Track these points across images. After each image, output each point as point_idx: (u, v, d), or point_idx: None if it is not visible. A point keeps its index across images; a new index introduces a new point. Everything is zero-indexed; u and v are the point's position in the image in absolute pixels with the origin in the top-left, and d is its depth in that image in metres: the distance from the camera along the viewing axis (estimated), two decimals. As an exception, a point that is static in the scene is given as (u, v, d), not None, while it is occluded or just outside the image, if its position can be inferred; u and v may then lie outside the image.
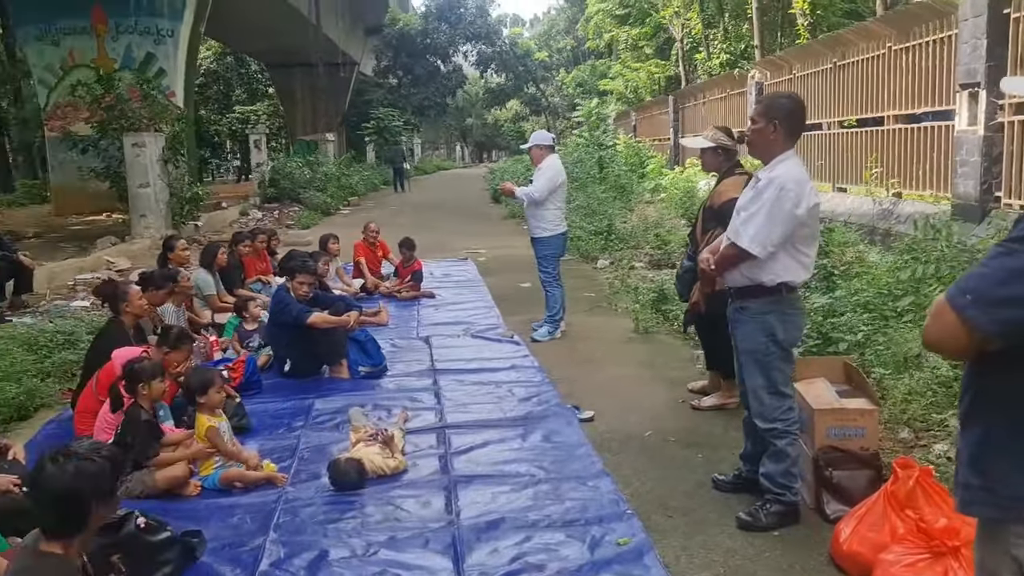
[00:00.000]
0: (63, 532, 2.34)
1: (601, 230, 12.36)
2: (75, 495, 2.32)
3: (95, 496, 2.34)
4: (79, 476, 2.33)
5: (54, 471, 2.35)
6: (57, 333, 6.76)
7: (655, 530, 3.68)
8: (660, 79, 32.76)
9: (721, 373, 5.36)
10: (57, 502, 2.33)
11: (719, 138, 5.06)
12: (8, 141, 34.41)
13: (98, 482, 2.35)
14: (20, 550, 2.42)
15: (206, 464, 4.31)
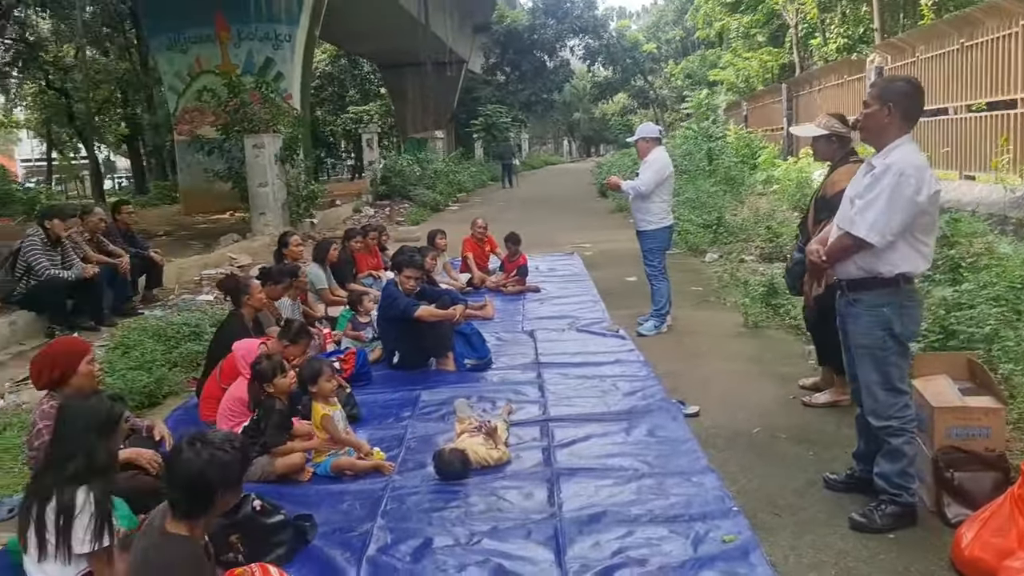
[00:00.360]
0: (190, 514, 2.47)
1: (710, 223, 12.11)
2: (205, 481, 2.46)
3: (222, 484, 2.47)
4: (211, 464, 2.46)
5: (189, 456, 2.50)
6: (184, 325, 7.15)
7: (762, 528, 3.59)
8: (773, 67, 31.74)
9: (834, 369, 5.17)
10: (187, 485, 2.47)
11: (832, 125, 4.86)
12: (142, 145, 36.63)
13: (227, 471, 2.47)
14: (146, 527, 2.57)
15: (321, 452, 4.46)
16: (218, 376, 5.14)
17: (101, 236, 8.22)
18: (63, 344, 3.99)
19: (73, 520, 2.87)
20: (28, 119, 43.13)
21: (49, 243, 7.39)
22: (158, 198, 26.92)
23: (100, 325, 7.63)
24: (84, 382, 3.76)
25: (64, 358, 3.76)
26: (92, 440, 2.97)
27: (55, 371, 3.72)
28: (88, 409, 3.03)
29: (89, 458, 2.95)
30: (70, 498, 2.88)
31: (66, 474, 2.92)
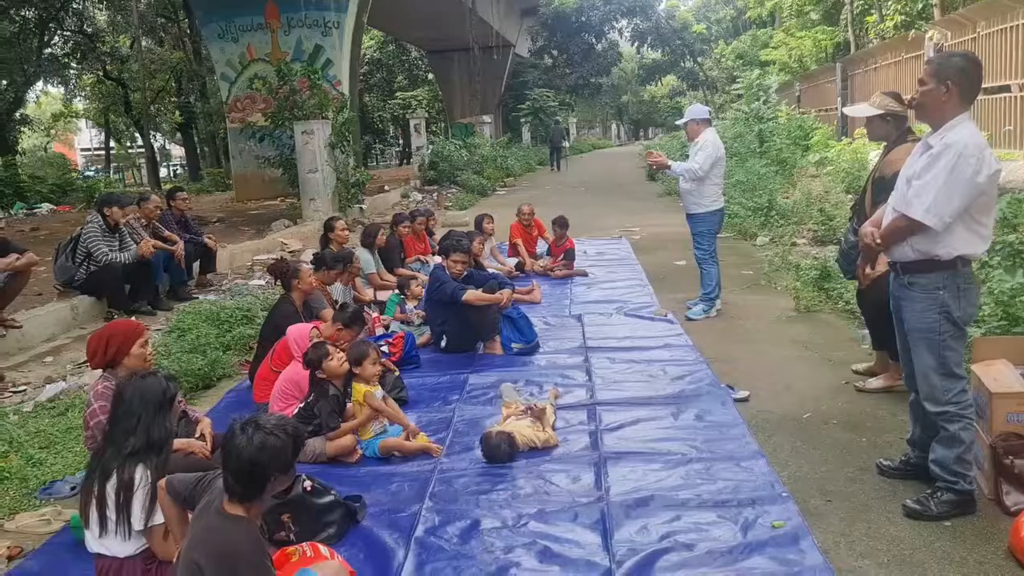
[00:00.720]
0: (244, 497, 2.52)
1: (761, 206, 11.91)
2: (257, 464, 2.49)
3: (275, 468, 2.51)
4: (263, 448, 2.50)
5: (242, 441, 2.54)
6: (237, 309, 7.29)
7: (812, 515, 3.54)
8: (827, 46, 31.01)
9: (889, 353, 5.07)
10: (240, 470, 2.51)
11: (887, 104, 4.73)
12: (196, 134, 37.35)
13: (278, 456, 2.51)
14: (203, 508, 2.63)
15: (366, 428, 4.51)
16: (271, 360, 5.23)
17: (157, 223, 8.40)
18: (118, 325, 4.08)
19: (132, 496, 2.96)
20: (87, 109, 44.25)
21: (107, 229, 7.58)
22: (211, 185, 27.45)
23: (157, 309, 7.81)
24: (136, 364, 3.85)
25: (118, 339, 3.84)
26: (149, 417, 3.05)
27: (108, 351, 3.80)
28: (145, 387, 3.10)
29: (147, 434, 3.03)
30: (130, 475, 2.96)
31: (126, 451, 3.00)
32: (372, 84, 41.81)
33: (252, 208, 17.51)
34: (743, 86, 20.24)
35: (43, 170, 23.37)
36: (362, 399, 4.50)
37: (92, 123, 49.53)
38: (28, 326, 6.79)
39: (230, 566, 2.40)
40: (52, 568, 3.45)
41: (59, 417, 5.11)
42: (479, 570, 3.25)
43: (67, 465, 4.42)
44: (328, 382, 4.46)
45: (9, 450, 4.55)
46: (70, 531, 3.64)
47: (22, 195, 18.02)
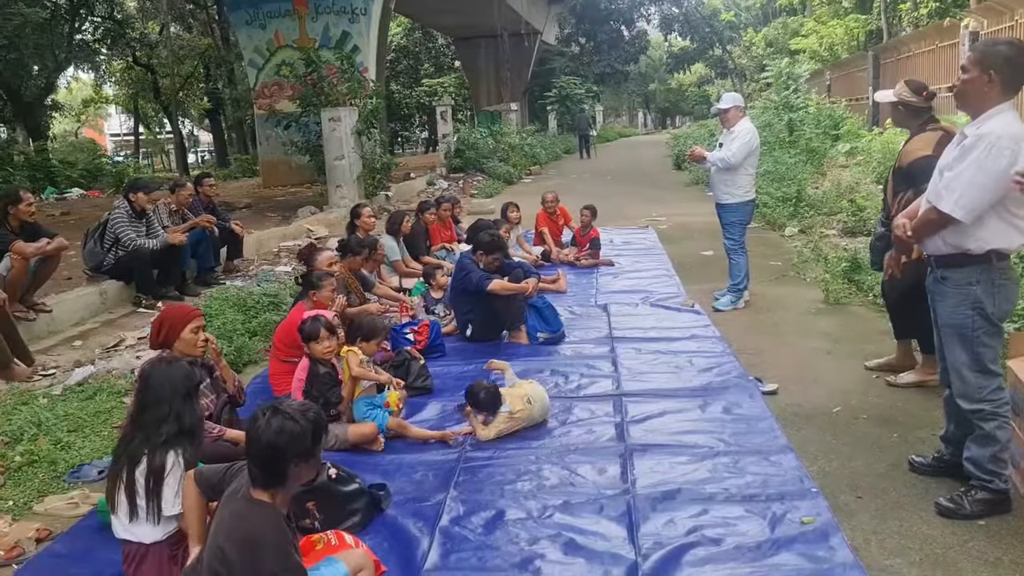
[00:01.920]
0: (267, 484, 2.51)
1: (790, 196, 11.76)
2: (276, 449, 2.48)
3: (294, 455, 2.49)
4: (281, 433, 2.49)
5: (262, 424, 2.53)
6: (263, 295, 7.31)
7: (842, 511, 3.49)
8: (858, 34, 30.55)
9: (920, 347, 4.98)
10: (259, 455, 2.51)
11: (901, 93, 4.68)
12: (224, 120, 37.58)
13: (298, 442, 2.49)
14: (230, 493, 2.63)
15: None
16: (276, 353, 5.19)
17: (186, 210, 8.45)
18: (175, 309, 4.14)
19: (163, 482, 2.96)
20: (116, 95, 44.65)
21: (134, 215, 7.62)
22: (239, 171, 27.59)
23: (184, 295, 7.85)
24: (186, 348, 3.91)
25: (171, 322, 3.92)
26: (179, 404, 3.05)
27: (162, 333, 3.90)
28: (171, 374, 3.11)
29: (179, 421, 3.03)
30: (161, 461, 2.97)
31: (158, 439, 3.00)
32: (398, 71, 41.77)
33: (279, 194, 17.58)
34: (772, 74, 19.98)
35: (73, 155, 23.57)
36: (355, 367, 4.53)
37: (121, 109, 49.97)
38: (57, 310, 6.86)
39: (253, 551, 2.40)
40: (79, 551, 3.47)
41: (87, 401, 5.15)
42: (503, 561, 3.23)
43: (95, 449, 4.46)
44: (317, 362, 4.47)
45: (38, 433, 4.59)
46: (97, 515, 3.66)
47: (53, 180, 18.22)
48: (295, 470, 2.51)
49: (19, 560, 3.43)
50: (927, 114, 4.72)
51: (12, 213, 6.62)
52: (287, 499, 2.61)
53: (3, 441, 4.54)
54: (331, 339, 4.54)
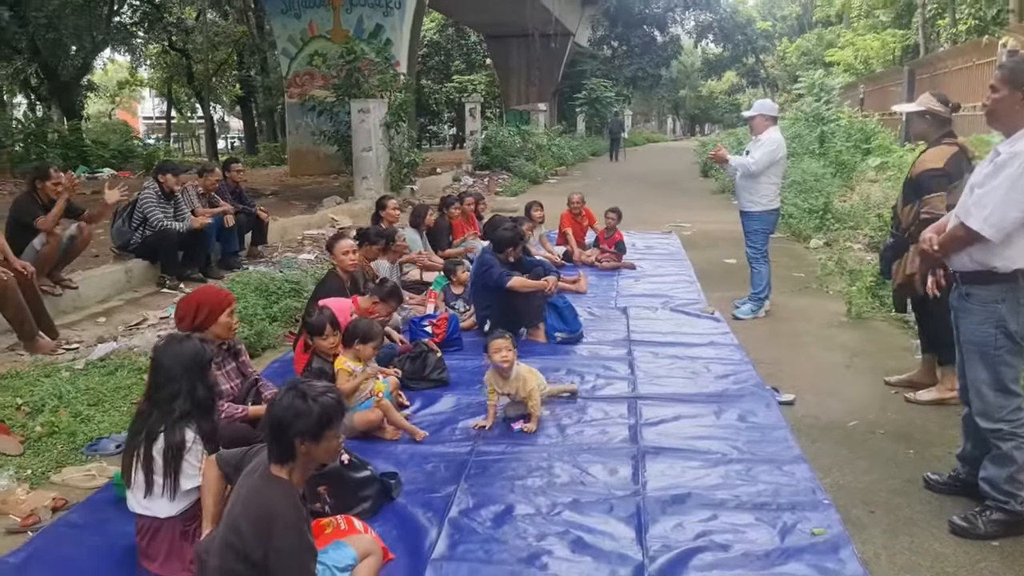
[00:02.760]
0: (278, 458, 2.54)
1: (816, 208, 11.66)
2: (281, 424, 2.53)
3: (297, 432, 2.52)
4: (288, 409, 2.53)
5: (278, 398, 2.61)
6: (285, 282, 7.36)
7: (854, 524, 3.46)
8: (895, 48, 30.28)
9: (941, 360, 4.94)
10: (270, 426, 2.57)
11: (929, 103, 4.67)
12: (255, 107, 37.88)
13: (302, 420, 2.52)
14: (250, 469, 2.66)
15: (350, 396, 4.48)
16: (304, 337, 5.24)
17: (213, 193, 8.53)
18: (210, 292, 4.16)
19: (182, 457, 3.00)
20: (151, 78, 45.11)
21: (163, 196, 7.71)
22: (267, 159, 27.81)
23: (207, 277, 7.93)
24: (222, 331, 3.97)
25: (208, 306, 3.96)
26: (191, 380, 3.09)
27: (198, 317, 3.92)
28: (181, 351, 3.15)
29: (191, 396, 3.07)
30: (180, 437, 3.01)
31: (173, 416, 3.05)
32: (430, 66, 41.89)
33: (305, 183, 17.68)
34: (805, 86, 19.85)
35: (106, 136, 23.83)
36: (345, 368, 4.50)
37: (155, 92, 50.48)
38: (83, 287, 6.95)
39: (268, 525, 2.43)
40: (94, 522, 3.52)
41: (108, 376, 5.21)
42: (510, 555, 3.24)
43: (113, 423, 4.52)
44: (316, 355, 4.48)
45: (59, 405, 4.65)
46: (113, 488, 3.72)
47: (85, 159, 18.43)
48: (302, 447, 2.54)
49: (35, 528, 3.49)
50: (948, 127, 4.73)
51: (40, 188, 6.72)
52: (303, 478, 2.64)
53: (25, 411, 4.61)
54: (336, 335, 4.57)
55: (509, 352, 4.52)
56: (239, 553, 2.45)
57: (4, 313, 5.66)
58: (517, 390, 4.57)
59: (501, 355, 4.50)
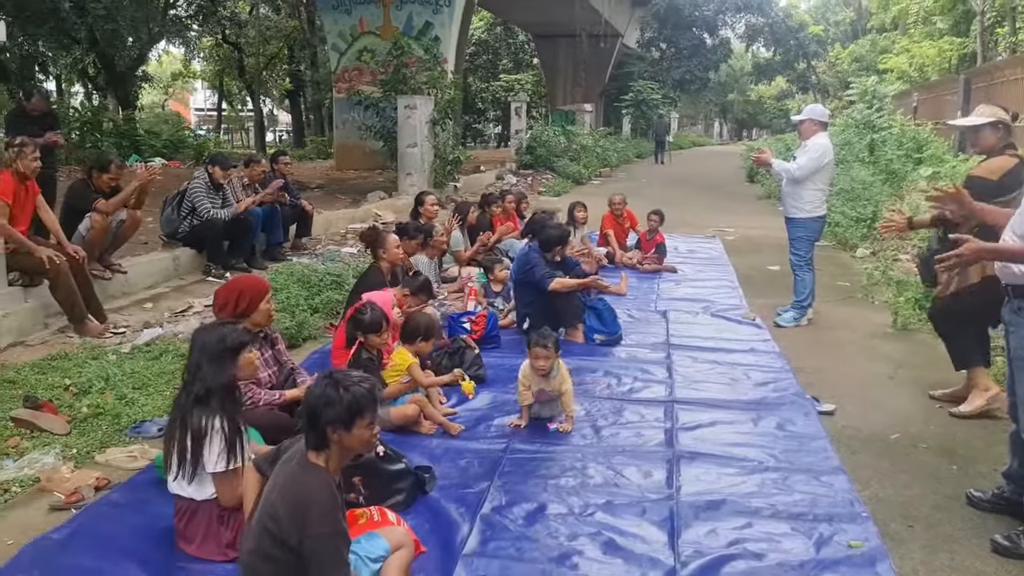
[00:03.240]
0: (314, 444, 2.58)
1: (864, 217, 11.46)
2: (314, 410, 2.57)
3: (328, 419, 2.55)
4: (320, 397, 2.57)
5: (313, 385, 2.65)
6: (327, 274, 7.45)
7: (892, 538, 3.40)
8: (951, 56, 29.62)
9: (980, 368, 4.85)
10: (304, 412, 2.62)
11: (996, 112, 4.60)
12: (303, 101, 38.35)
13: (332, 408, 2.56)
14: (288, 456, 2.70)
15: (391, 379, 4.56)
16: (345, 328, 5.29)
17: (258, 185, 8.65)
18: (250, 281, 4.25)
19: (201, 442, 3.05)
20: (203, 71, 45.87)
21: (212, 187, 7.85)
22: (314, 152, 28.09)
23: (251, 267, 8.05)
24: (262, 319, 4.04)
25: (249, 294, 4.04)
26: (210, 366, 3.12)
27: (239, 305, 3.99)
28: (207, 337, 3.20)
29: (206, 382, 3.10)
30: (197, 421, 3.05)
31: (191, 397, 3.10)
32: (477, 65, 41.97)
33: (351, 178, 17.85)
34: (857, 92, 19.50)
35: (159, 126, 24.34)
36: (406, 368, 4.55)
37: (207, 85, 51.34)
38: (132, 272, 7.11)
39: (303, 510, 2.47)
40: (135, 502, 3.60)
41: (153, 361, 5.32)
42: (541, 554, 3.24)
43: (156, 407, 4.61)
44: (364, 349, 4.50)
45: (105, 387, 4.76)
46: (154, 470, 3.79)
47: (138, 148, 18.80)
48: (333, 435, 2.56)
49: (78, 505, 3.57)
50: (1010, 137, 4.66)
51: (95, 178, 6.87)
52: (339, 467, 2.67)
53: (73, 392, 4.73)
54: (388, 332, 4.63)
55: (547, 362, 4.51)
56: (275, 538, 2.49)
57: (55, 295, 5.81)
58: (554, 388, 4.57)
59: (539, 363, 4.50)
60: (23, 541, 3.26)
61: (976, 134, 4.73)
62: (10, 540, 3.30)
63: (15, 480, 3.76)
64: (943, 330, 5.08)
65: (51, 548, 3.20)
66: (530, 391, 4.58)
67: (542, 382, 4.57)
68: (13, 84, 23.21)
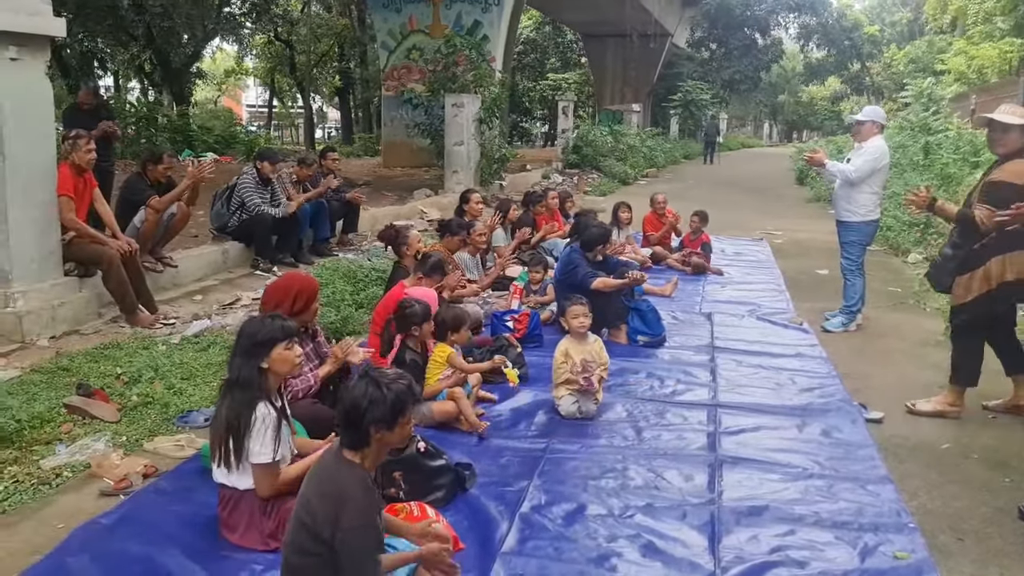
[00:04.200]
0: (352, 444, 2.59)
1: (918, 221, 11.20)
2: (355, 410, 2.57)
3: (371, 420, 2.56)
4: (363, 396, 2.57)
5: (352, 385, 2.66)
6: (372, 270, 7.52)
7: (940, 551, 3.32)
8: (1012, 59, 28.77)
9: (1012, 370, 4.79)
10: (344, 413, 2.61)
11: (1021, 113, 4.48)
12: (352, 99, 38.74)
13: (377, 407, 2.56)
14: (327, 451, 2.73)
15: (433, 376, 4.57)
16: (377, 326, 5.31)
17: (308, 183, 8.75)
18: (303, 280, 4.24)
19: (246, 432, 3.08)
20: (256, 68, 46.58)
21: (261, 182, 7.96)
22: (362, 149, 28.39)
23: (298, 262, 8.16)
24: (311, 319, 4.08)
25: (305, 293, 4.06)
26: (240, 357, 3.16)
27: (296, 304, 3.99)
28: (245, 329, 3.25)
29: (237, 372, 3.15)
30: (243, 412, 3.09)
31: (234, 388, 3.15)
32: (525, 64, 41.92)
33: (398, 175, 17.99)
34: (913, 94, 19.07)
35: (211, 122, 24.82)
36: (447, 360, 4.57)
37: (259, 81, 52.10)
38: (182, 265, 7.25)
39: (337, 504, 2.49)
40: (181, 490, 3.67)
41: (201, 352, 5.43)
42: (580, 555, 3.23)
43: (204, 397, 4.70)
44: (408, 347, 4.50)
45: (155, 377, 4.87)
46: (200, 459, 3.86)
47: (191, 143, 19.20)
48: (376, 434, 2.57)
49: (126, 491, 3.66)
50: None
51: (150, 170, 7.03)
52: (375, 463, 2.68)
53: (123, 381, 4.84)
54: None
55: (586, 319, 4.84)
56: (310, 531, 2.51)
57: (107, 286, 5.96)
58: (593, 355, 4.70)
59: (579, 320, 4.82)
60: (73, 525, 3.35)
61: (1005, 134, 4.62)
62: (60, 524, 3.39)
63: (67, 465, 3.86)
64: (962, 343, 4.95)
65: (100, 532, 3.27)
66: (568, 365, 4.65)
67: (583, 350, 4.67)
68: (73, 79, 23.84)
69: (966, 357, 4.86)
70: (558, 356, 4.78)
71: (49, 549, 3.16)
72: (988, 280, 4.57)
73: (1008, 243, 4.50)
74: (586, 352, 4.77)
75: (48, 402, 4.43)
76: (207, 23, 26.44)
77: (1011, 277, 4.51)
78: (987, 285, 4.57)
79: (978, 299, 4.63)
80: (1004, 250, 4.52)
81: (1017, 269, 4.51)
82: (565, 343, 4.84)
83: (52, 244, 5.78)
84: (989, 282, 4.57)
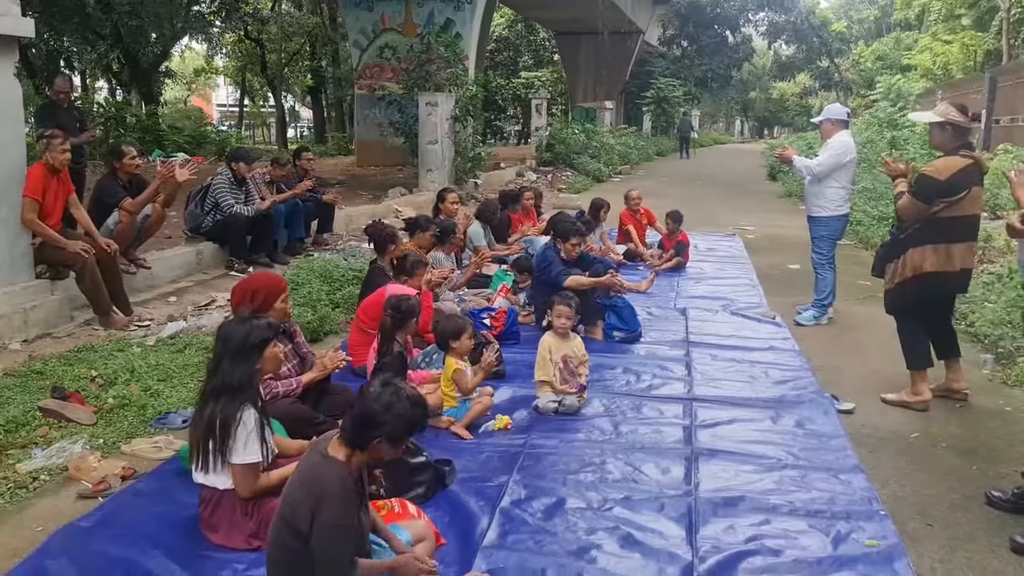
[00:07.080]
0: (351, 443, 2.61)
1: (887, 215, 11.37)
2: (373, 418, 2.59)
3: (385, 431, 2.59)
4: (387, 408, 2.60)
5: (376, 391, 2.66)
6: (349, 269, 7.51)
7: (910, 537, 3.40)
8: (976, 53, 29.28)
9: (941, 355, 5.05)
10: (360, 413, 2.63)
11: (949, 113, 4.73)
12: (325, 98, 38.52)
13: (394, 422, 2.60)
14: (312, 448, 2.75)
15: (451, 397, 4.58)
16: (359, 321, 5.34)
17: (283, 184, 8.70)
18: (263, 279, 4.26)
19: (227, 433, 3.08)
20: (226, 67, 46.13)
21: (235, 182, 7.92)
22: (335, 149, 28.23)
23: (273, 262, 8.13)
24: (277, 317, 4.06)
25: (263, 292, 4.06)
26: (228, 360, 3.15)
27: (254, 303, 4.00)
28: (230, 332, 3.24)
29: (223, 377, 3.13)
30: (223, 412, 3.09)
31: (207, 390, 3.16)
32: (497, 62, 41.92)
33: (371, 174, 17.93)
34: (881, 91, 19.34)
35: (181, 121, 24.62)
36: (450, 376, 4.55)
37: (229, 81, 51.61)
38: (156, 267, 7.20)
39: (316, 498, 2.52)
40: (160, 491, 3.67)
41: (177, 353, 5.40)
42: (560, 547, 3.27)
43: (181, 399, 4.68)
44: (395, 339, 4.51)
45: (131, 379, 4.84)
46: (179, 460, 3.86)
47: (161, 143, 19.01)
48: (377, 444, 2.60)
49: (105, 494, 3.64)
50: (965, 138, 4.81)
51: (119, 168, 6.95)
52: (360, 465, 2.70)
53: (99, 383, 4.81)
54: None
55: (568, 320, 4.93)
56: (289, 525, 2.54)
57: (81, 287, 5.91)
58: (574, 351, 4.82)
59: (560, 321, 4.91)
60: (52, 528, 3.34)
61: (933, 131, 4.91)
62: (39, 527, 3.38)
63: (44, 469, 3.84)
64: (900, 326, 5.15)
65: (79, 535, 3.27)
66: (552, 361, 4.74)
67: (564, 347, 4.76)
68: (39, 79, 23.50)
69: (909, 339, 5.03)
70: (542, 351, 4.84)
71: (28, 552, 3.15)
72: (907, 269, 4.81)
73: (927, 236, 4.74)
74: (567, 348, 4.88)
75: (23, 406, 4.40)
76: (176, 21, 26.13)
77: (929, 268, 4.72)
78: (907, 273, 4.81)
79: (902, 284, 4.86)
80: (923, 242, 4.76)
81: (932, 261, 4.73)
82: (548, 339, 4.91)
83: (23, 246, 5.72)
84: (908, 271, 4.81)
